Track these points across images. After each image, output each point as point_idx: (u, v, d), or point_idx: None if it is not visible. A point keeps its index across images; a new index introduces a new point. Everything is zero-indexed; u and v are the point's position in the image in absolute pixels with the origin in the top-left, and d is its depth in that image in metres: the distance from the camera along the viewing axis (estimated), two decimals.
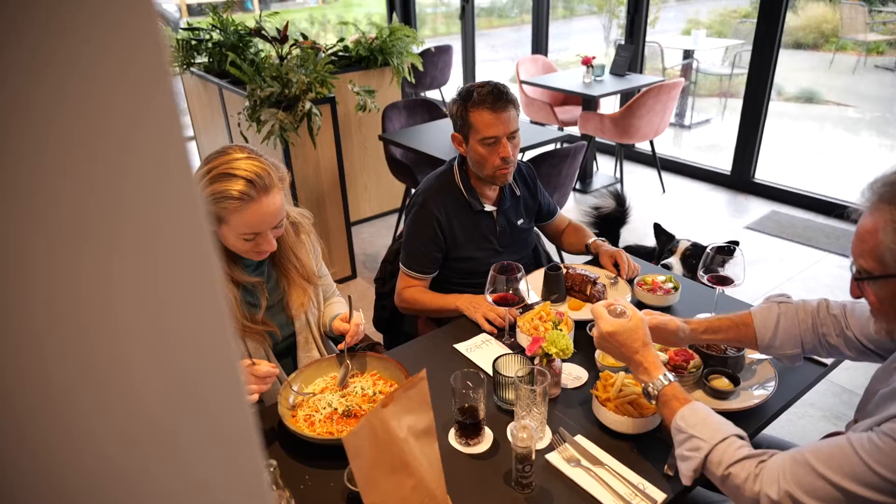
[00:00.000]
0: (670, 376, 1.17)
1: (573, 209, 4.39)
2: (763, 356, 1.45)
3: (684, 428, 1.09)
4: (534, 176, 1.99)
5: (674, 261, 2.30)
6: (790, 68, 7.93)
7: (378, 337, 2.23)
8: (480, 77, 6.78)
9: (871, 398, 1.08)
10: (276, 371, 1.32)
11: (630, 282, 1.79)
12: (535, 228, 2.13)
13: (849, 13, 7.81)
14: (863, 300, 1.07)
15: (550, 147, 3.16)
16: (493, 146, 1.71)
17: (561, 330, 1.43)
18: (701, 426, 1.08)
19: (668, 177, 4.76)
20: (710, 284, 1.59)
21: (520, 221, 1.93)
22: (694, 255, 2.28)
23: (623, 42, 4.84)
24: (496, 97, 1.68)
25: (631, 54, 4.60)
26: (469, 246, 1.86)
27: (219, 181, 1.30)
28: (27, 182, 0.25)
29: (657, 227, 2.48)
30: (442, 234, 1.82)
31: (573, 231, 2.06)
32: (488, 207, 1.87)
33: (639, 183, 4.75)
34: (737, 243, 2.11)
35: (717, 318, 1.34)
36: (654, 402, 1.18)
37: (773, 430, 2.27)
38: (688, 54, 6.27)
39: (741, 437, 1.06)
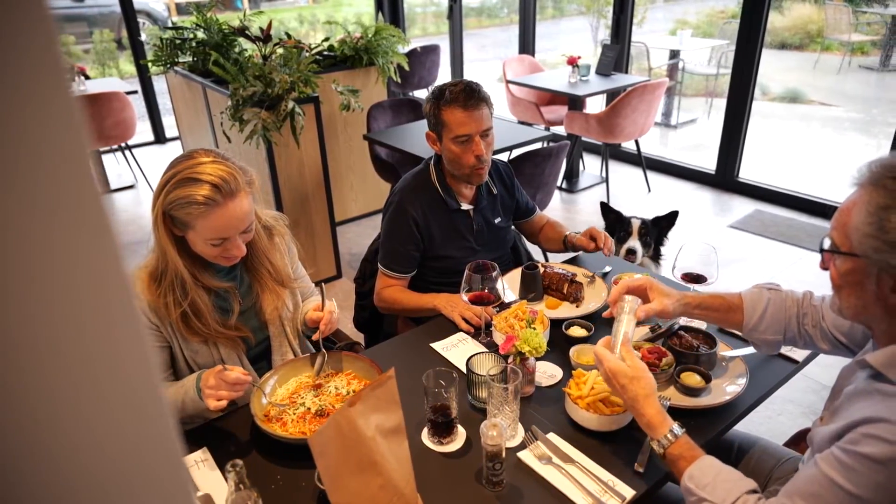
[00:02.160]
0: (677, 430, 1.12)
1: (559, 208, 4.40)
2: (735, 353, 1.46)
3: (694, 490, 1.07)
4: (511, 174, 2.00)
5: (635, 244, 2.36)
6: (776, 68, 7.99)
7: (359, 337, 2.23)
8: (469, 76, 6.78)
9: (838, 395, 1.10)
10: (248, 378, 1.30)
11: (604, 276, 1.81)
12: (515, 227, 2.14)
13: (833, 14, 7.88)
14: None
15: (537, 146, 3.17)
16: (467, 144, 1.72)
17: (535, 328, 1.43)
18: (711, 487, 1.05)
19: (653, 176, 4.79)
20: (683, 283, 1.60)
21: (497, 220, 1.93)
22: (648, 232, 2.36)
23: (609, 42, 4.86)
24: (468, 95, 1.69)
25: (616, 54, 4.62)
26: (446, 245, 1.86)
27: (183, 186, 1.28)
28: None
29: (604, 206, 2.52)
30: (419, 233, 1.82)
31: (550, 228, 2.07)
32: (465, 206, 1.87)
33: (624, 182, 4.78)
34: (676, 213, 2.16)
35: (710, 296, 1.34)
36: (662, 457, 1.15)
37: (754, 428, 2.29)
38: (674, 54, 6.30)
39: (753, 492, 1.04)
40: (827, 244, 1.03)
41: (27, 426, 0.30)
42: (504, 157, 3.28)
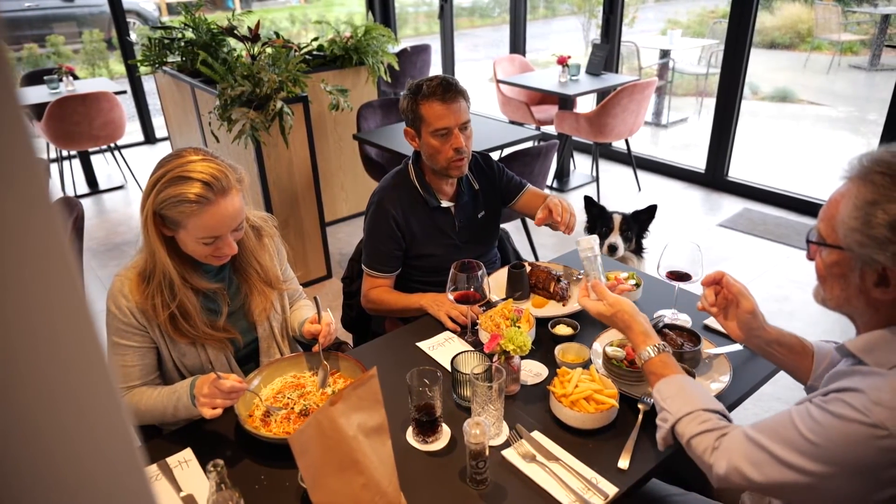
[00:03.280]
0: (652, 351, 1.24)
1: None
2: (719, 350, 1.47)
3: (658, 400, 1.19)
4: (490, 163, 1.97)
5: (617, 240, 2.36)
6: (766, 68, 8.04)
7: (347, 337, 2.23)
8: (460, 76, 6.78)
9: (821, 380, 1.11)
10: (244, 386, 1.29)
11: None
12: (505, 227, 2.13)
13: (823, 13, 7.94)
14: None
15: (527, 145, 3.18)
16: (446, 137, 1.72)
17: (519, 327, 1.43)
18: (671, 399, 1.16)
19: (644, 175, 4.81)
20: (668, 280, 1.61)
21: (480, 214, 1.93)
22: (629, 227, 2.38)
23: (599, 42, 4.87)
24: (445, 88, 1.70)
25: (606, 54, 4.63)
26: (428, 243, 1.86)
27: (174, 185, 1.27)
28: None
29: (588, 200, 2.53)
30: (399, 231, 1.82)
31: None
32: (445, 203, 1.87)
33: (615, 181, 4.79)
34: (655, 206, 2.18)
35: (790, 335, 1.31)
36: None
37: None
38: (664, 54, 6.32)
39: (711, 411, 1.12)
40: (814, 236, 1.04)
41: None
42: (494, 156, 3.29)
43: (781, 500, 1.07)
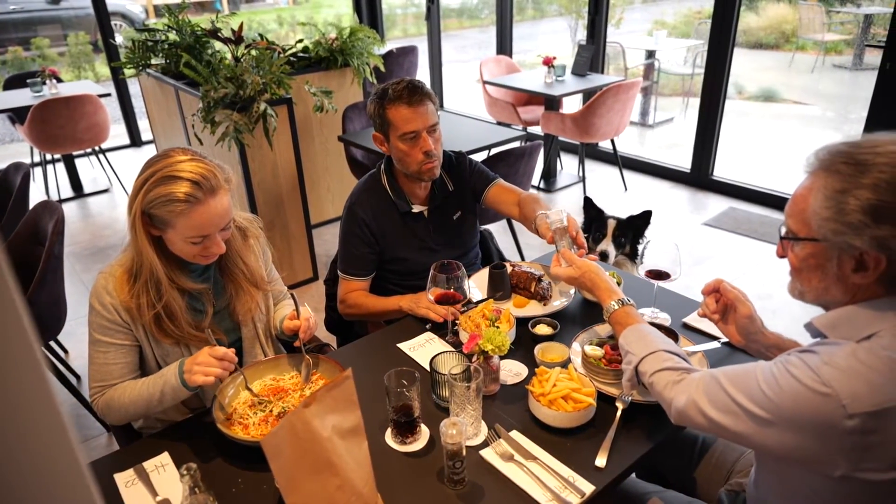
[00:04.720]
0: (615, 304, 1.34)
1: None
2: (697, 348, 1.48)
3: (624, 346, 1.27)
4: (461, 159, 1.95)
5: (609, 248, 2.36)
6: (751, 68, 8.10)
7: (331, 339, 2.23)
8: (447, 77, 6.79)
9: None
10: (234, 357, 1.31)
11: None
12: (489, 227, 2.13)
13: (807, 13, 8.01)
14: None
15: (514, 145, 3.18)
16: (414, 141, 1.71)
17: (498, 327, 1.44)
18: (636, 343, 1.24)
19: (630, 175, 4.83)
20: (647, 279, 1.62)
21: (456, 216, 1.92)
22: (623, 233, 2.37)
23: (585, 42, 4.89)
24: (411, 92, 1.69)
25: (592, 54, 4.65)
26: (401, 246, 1.86)
27: (163, 184, 1.27)
28: None
29: (587, 201, 2.52)
30: (371, 234, 1.82)
31: (528, 202, 1.81)
32: (417, 208, 1.86)
33: (601, 181, 4.81)
34: (650, 212, 2.18)
35: (790, 341, 1.32)
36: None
37: None
38: (650, 54, 6.36)
39: (671, 352, 1.19)
40: (783, 232, 1.06)
41: None
42: (481, 157, 3.30)
43: (730, 440, 1.11)
